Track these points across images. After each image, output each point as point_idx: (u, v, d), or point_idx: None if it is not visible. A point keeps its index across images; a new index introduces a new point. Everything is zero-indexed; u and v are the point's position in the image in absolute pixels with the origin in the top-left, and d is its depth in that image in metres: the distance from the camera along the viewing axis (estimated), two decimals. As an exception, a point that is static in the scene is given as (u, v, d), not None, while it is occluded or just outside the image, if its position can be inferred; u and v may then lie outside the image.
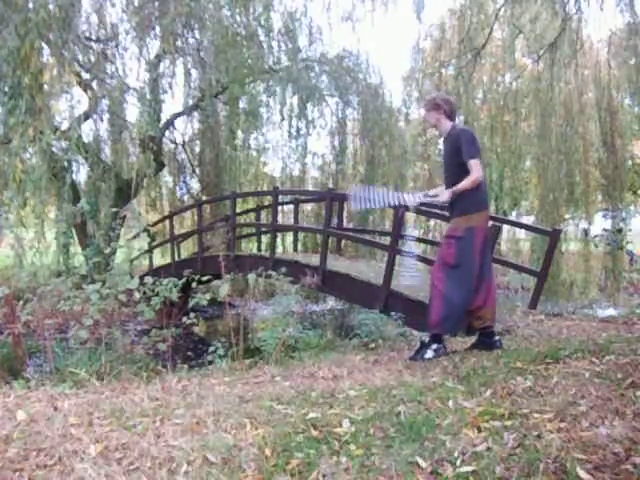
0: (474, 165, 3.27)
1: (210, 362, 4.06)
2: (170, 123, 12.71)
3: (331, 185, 12.69)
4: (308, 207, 12.98)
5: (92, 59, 10.00)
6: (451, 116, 3.50)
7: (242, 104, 11.54)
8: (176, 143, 13.56)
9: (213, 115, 11.92)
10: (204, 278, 5.46)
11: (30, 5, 7.30)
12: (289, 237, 12.04)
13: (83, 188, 10.97)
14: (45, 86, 7.98)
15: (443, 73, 13.36)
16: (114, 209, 9.18)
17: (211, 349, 4.17)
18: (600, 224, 12.05)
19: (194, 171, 13.87)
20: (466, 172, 3.30)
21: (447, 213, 3.67)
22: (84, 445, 1.80)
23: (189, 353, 5.65)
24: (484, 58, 12.31)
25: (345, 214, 10.21)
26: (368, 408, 2.17)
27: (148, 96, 10.19)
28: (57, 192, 9.85)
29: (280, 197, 9.47)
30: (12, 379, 3.50)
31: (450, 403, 2.18)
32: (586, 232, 11.76)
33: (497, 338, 3.51)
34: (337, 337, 5.62)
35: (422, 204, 3.69)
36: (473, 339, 3.60)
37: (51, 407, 2.26)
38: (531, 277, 6.93)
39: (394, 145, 12.96)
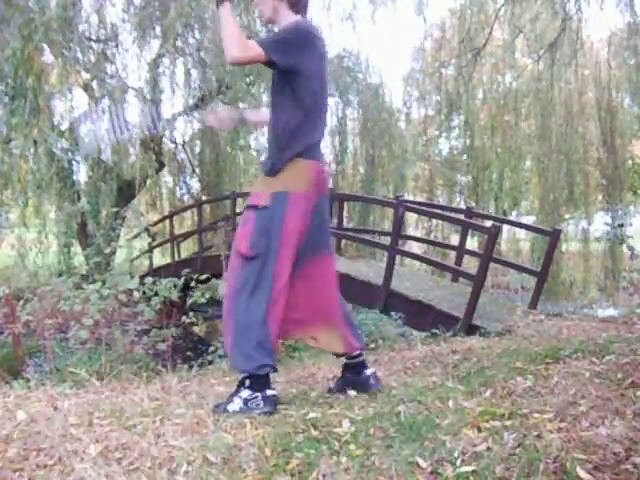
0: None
1: (210, 362, 4.06)
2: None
3: (331, 185, 12.68)
4: (308, 207, 12.95)
5: (92, 59, 10.00)
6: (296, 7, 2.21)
7: (243, 104, 11.51)
8: (176, 143, 13.55)
9: (213, 115, 11.87)
10: (203, 277, 5.47)
11: (31, 5, 7.29)
12: (289, 237, 12.02)
13: (83, 188, 10.96)
14: (46, 86, 7.98)
15: (443, 73, 13.39)
16: (115, 209, 9.19)
17: (211, 349, 4.17)
18: (600, 223, 12.07)
19: (194, 171, 13.85)
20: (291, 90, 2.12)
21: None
22: (84, 445, 1.79)
23: (189, 353, 5.64)
24: (484, 58, 12.33)
25: (345, 214, 10.19)
26: (368, 408, 2.17)
27: (148, 96, 10.19)
28: (58, 192, 9.85)
29: (280, 197, 9.44)
30: (12, 379, 3.50)
31: (450, 403, 2.18)
32: (584, 231, 11.77)
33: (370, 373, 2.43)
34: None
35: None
36: (473, 339, 3.58)
37: (51, 407, 2.25)
38: (531, 277, 6.94)
39: (394, 145, 12.96)
